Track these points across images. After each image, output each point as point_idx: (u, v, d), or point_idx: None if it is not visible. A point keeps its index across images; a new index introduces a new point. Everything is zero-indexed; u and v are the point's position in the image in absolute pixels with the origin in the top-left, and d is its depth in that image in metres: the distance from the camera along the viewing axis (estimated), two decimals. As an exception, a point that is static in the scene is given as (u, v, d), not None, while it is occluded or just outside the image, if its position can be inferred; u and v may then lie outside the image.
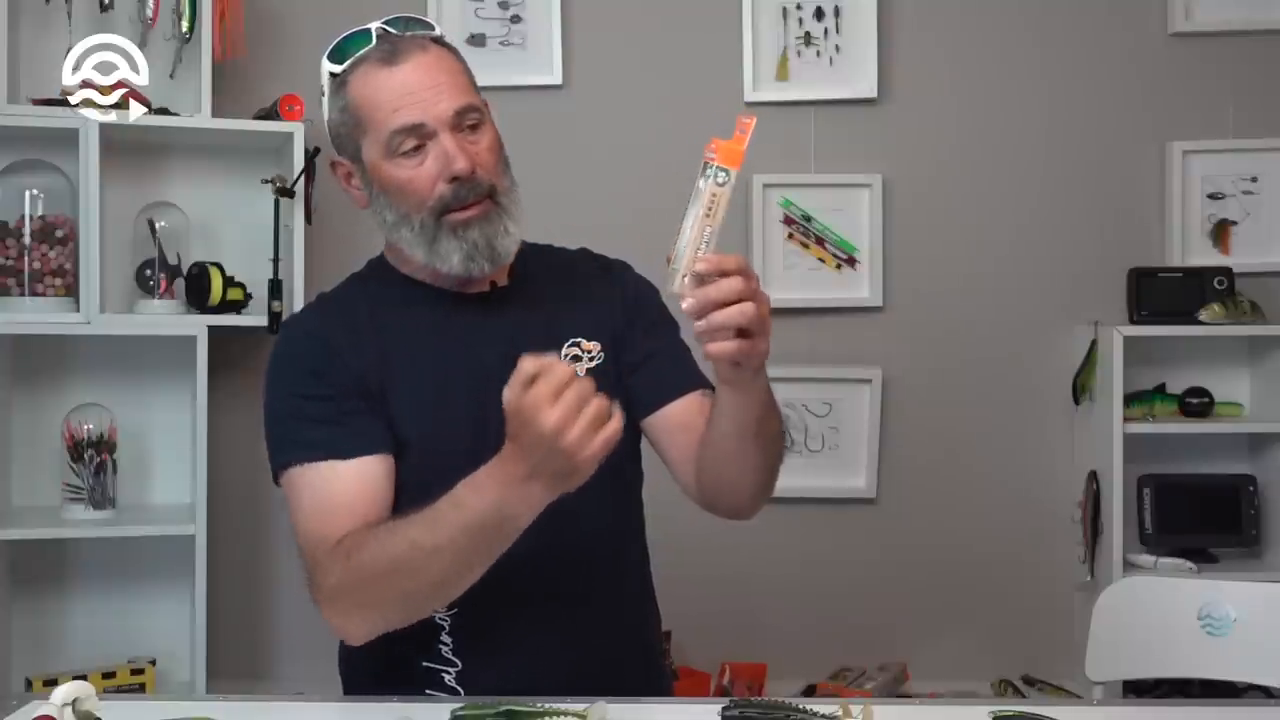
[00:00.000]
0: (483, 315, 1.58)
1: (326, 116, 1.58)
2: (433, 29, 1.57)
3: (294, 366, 1.54)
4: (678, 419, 1.59)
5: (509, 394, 1.23)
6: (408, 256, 1.56)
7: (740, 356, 1.29)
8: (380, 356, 1.53)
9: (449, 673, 1.53)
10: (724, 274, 1.26)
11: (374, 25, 1.55)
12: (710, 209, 1.26)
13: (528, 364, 1.22)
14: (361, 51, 1.54)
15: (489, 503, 1.29)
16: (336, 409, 1.49)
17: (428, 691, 1.53)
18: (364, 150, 1.53)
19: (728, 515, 1.59)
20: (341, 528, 1.42)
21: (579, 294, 1.63)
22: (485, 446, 1.30)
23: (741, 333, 1.28)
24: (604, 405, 1.24)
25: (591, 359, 1.58)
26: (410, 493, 1.46)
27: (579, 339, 1.59)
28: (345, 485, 1.46)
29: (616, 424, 1.25)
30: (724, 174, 1.26)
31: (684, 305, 1.26)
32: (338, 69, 1.55)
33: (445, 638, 1.53)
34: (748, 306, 1.26)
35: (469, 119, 1.52)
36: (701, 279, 1.26)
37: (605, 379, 1.54)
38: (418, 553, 1.33)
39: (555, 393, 1.21)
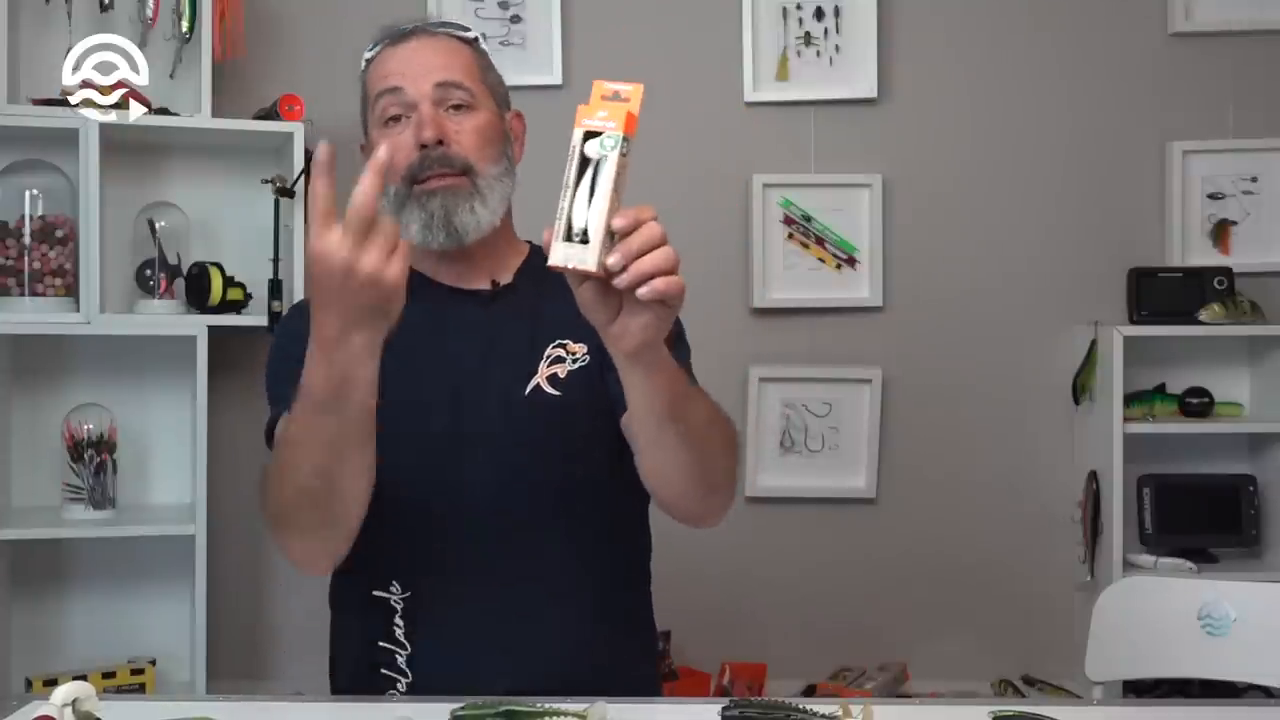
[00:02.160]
0: (471, 311, 1.60)
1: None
2: (467, 30, 1.62)
3: (287, 340, 1.56)
4: None
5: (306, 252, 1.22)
6: (412, 247, 1.57)
7: (669, 298, 1.19)
8: None
9: (400, 655, 1.54)
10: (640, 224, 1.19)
11: (413, 24, 1.62)
12: (618, 182, 1.19)
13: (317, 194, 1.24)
14: (387, 36, 1.61)
15: (321, 373, 1.29)
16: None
17: (383, 672, 1.54)
18: (369, 125, 1.60)
19: (681, 517, 1.51)
20: None
21: (571, 293, 1.64)
22: (455, 437, 1.30)
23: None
24: (391, 226, 1.23)
25: (576, 360, 1.58)
26: (380, 474, 1.47)
27: (564, 340, 1.59)
28: None
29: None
30: (627, 143, 1.19)
31: (609, 260, 1.16)
32: (368, 54, 1.62)
33: (398, 620, 1.54)
34: (670, 250, 1.19)
35: (455, 97, 1.55)
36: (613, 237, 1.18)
37: (590, 379, 1.56)
38: (292, 449, 1.36)
39: (339, 233, 1.21)
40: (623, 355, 1.26)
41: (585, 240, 1.17)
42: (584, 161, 1.18)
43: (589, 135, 1.19)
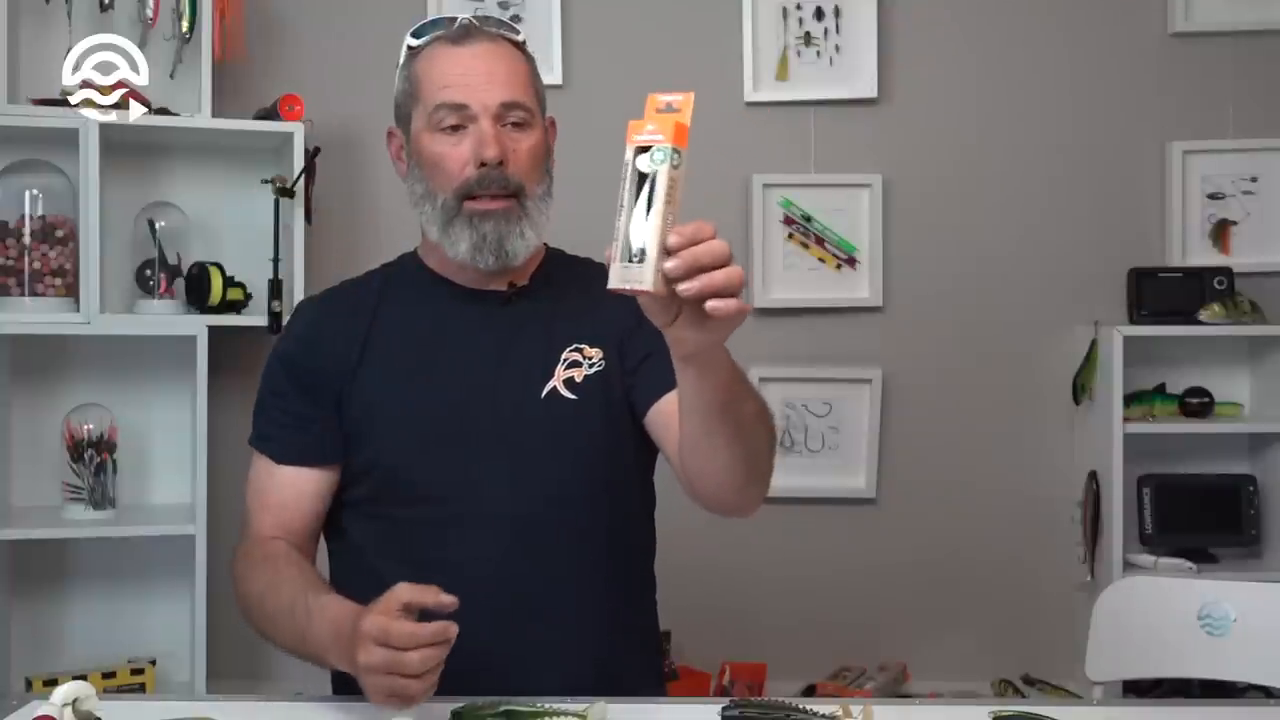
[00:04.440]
0: (489, 313, 1.60)
1: (395, 87, 1.63)
2: (516, 32, 1.61)
3: (277, 356, 1.64)
4: (671, 409, 1.56)
5: (369, 616, 1.26)
6: (433, 247, 1.60)
7: (736, 314, 1.18)
8: (364, 340, 1.59)
9: None
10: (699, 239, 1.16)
11: (463, 16, 1.61)
12: (670, 195, 1.15)
13: (399, 593, 1.26)
14: (439, 30, 1.59)
15: (316, 637, 1.39)
16: (289, 413, 1.59)
17: None
18: (413, 120, 1.59)
19: (717, 508, 1.53)
20: (266, 522, 1.59)
21: (591, 302, 1.61)
22: (468, 438, 1.31)
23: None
24: (419, 678, 1.24)
25: (592, 365, 1.58)
26: (380, 473, 1.55)
27: (580, 345, 1.59)
28: (275, 484, 1.59)
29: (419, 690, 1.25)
30: (678, 155, 1.15)
31: (667, 265, 1.13)
32: (415, 43, 1.61)
33: None
34: (736, 270, 1.16)
35: (515, 115, 1.55)
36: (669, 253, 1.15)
37: (606, 384, 1.57)
38: (274, 623, 1.48)
39: (393, 642, 1.24)
40: (679, 357, 1.27)
41: (641, 260, 1.13)
42: (640, 178, 1.15)
43: (641, 150, 1.15)
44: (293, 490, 1.59)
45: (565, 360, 1.58)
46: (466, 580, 1.43)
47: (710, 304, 1.15)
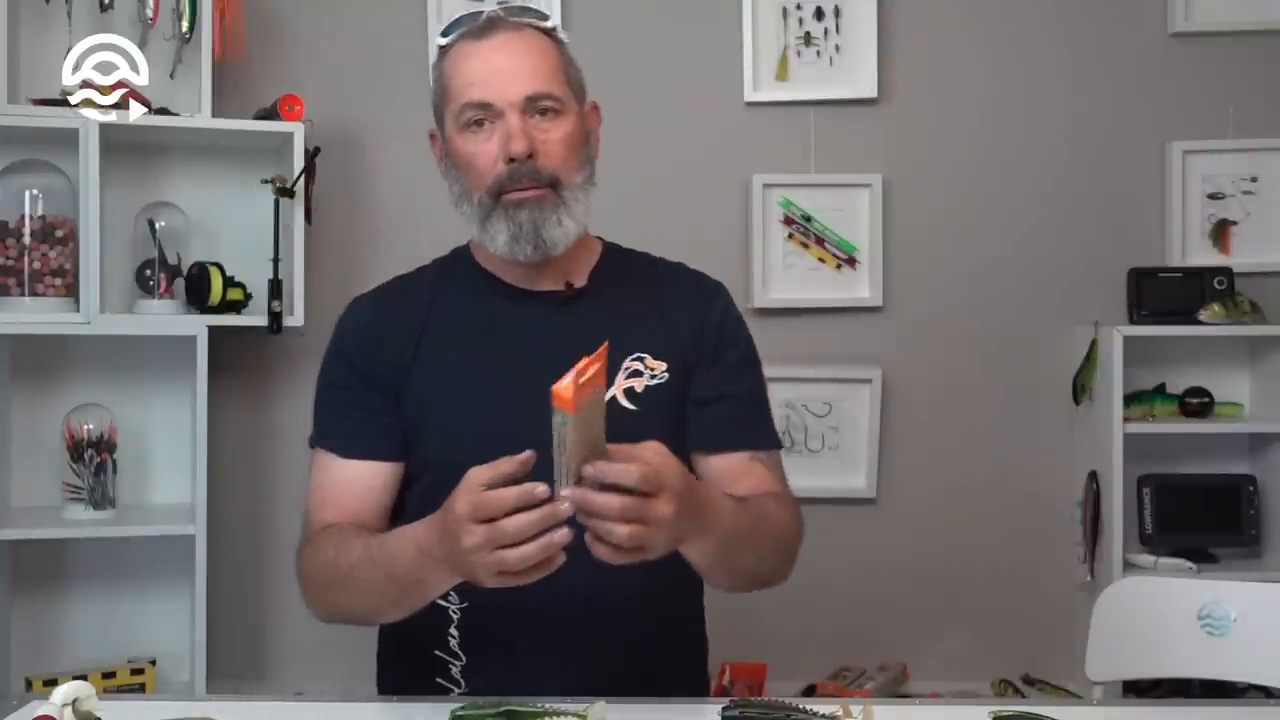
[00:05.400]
0: (547, 314, 1.58)
1: (431, 89, 1.62)
2: (545, 18, 1.58)
3: (335, 352, 1.62)
4: (714, 474, 1.57)
5: (457, 500, 1.23)
6: (482, 246, 1.58)
7: (625, 556, 1.24)
8: (419, 337, 1.57)
9: (455, 665, 1.54)
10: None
11: (490, 8, 1.58)
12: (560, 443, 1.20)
13: (478, 473, 1.23)
14: (464, 27, 1.56)
15: (405, 565, 1.35)
16: (355, 406, 1.56)
17: (438, 680, 1.54)
18: (445, 120, 1.57)
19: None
20: (328, 518, 1.53)
21: (655, 307, 1.61)
22: (514, 439, 1.29)
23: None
24: (529, 541, 1.21)
25: (654, 376, 1.56)
26: (434, 472, 1.52)
27: (643, 354, 1.57)
28: (342, 479, 1.56)
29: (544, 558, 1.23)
30: (560, 416, 1.18)
31: (563, 492, 1.21)
32: (443, 42, 1.58)
33: (453, 630, 1.53)
34: (625, 531, 1.21)
35: (543, 104, 1.52)
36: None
37: (664, 398, 1.55)
38: (351, 580, 1.43)
39: (488, 514, 1.21)
40: None
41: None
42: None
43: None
44: (359, 486, 1.55)
45: (626, 369, 1.55)
46: (515, 590, 1.41)
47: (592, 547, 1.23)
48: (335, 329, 1.65)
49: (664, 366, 1.57)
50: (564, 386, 1.16)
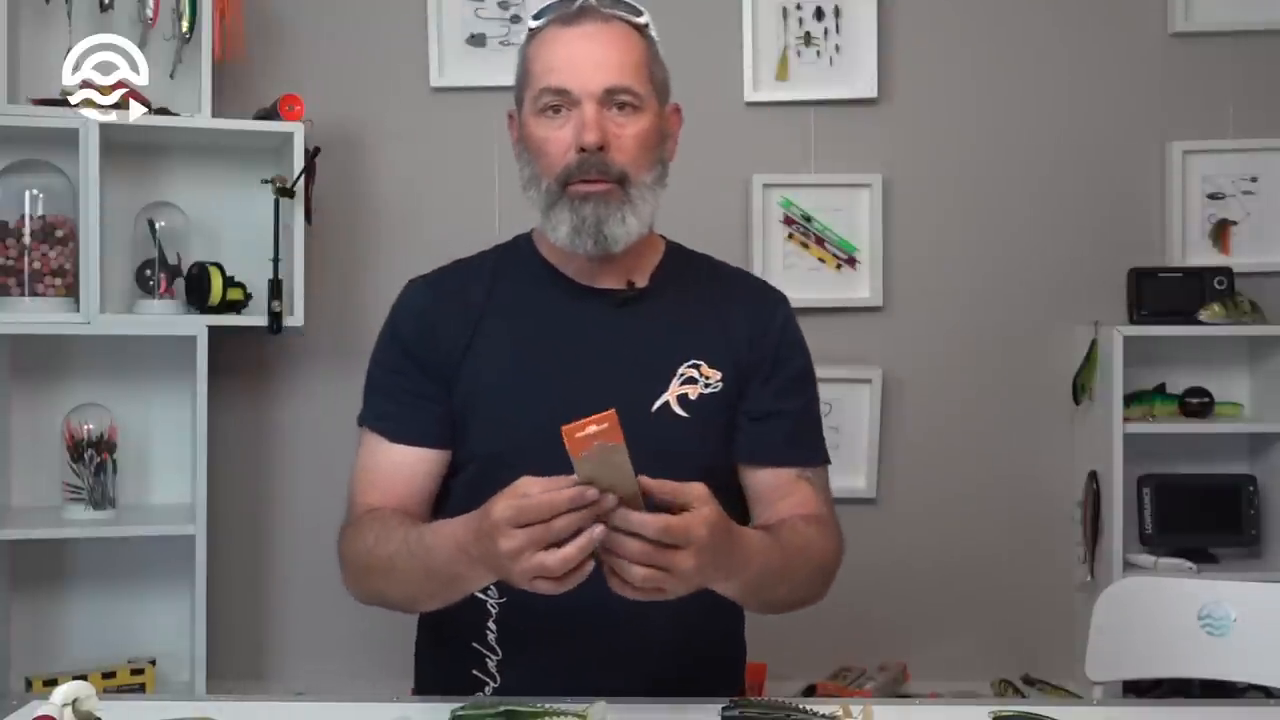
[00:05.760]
0: (606, 313, 1.56)
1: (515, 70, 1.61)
2: (639, 13, 1.56)
3: (390, 334, 1.61)
4: (759, 488, 1.58)
5: (498, 503, 1.23)
6: (544, 237, 1.57)
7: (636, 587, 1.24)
8: (475, 325, 1.56)
9: (491, 659, 1.54)
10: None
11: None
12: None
13: (528, 484, 1.23)
14: (554, 13, 1.55)
15: (442, 560, 1.35)
16: (407, 390, 1.55)
17: (474, 672, 1.54)
18: (524, 102, 1.55)
19: None
20: (372, 500, 1.53)
21: (715, 314, 1.60)
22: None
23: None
24: (564, 549, 1.21)
25: (709, 385, 1.55)
26: (479, 465, 1.52)
27: (699, 361, 1.56)
28: (388, 463, 1.55)
29: (573, 570, 1.22)
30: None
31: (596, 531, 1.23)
32: (534, 25, 1.57)
33: (491, 624, 1.53)
34: (642, 574, 1.22)
35: (621, 98, 1.50)
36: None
37: (722, 406, 1.54)
38: (391, 568, 1.42)
39: (528, 520, 1.21)
40: None
41: None
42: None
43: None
44: (404, 471, 1.54)
45: (681, 375, 1.54)
46: None
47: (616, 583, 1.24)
48: (391, 310, 1.63)
49: (719, 375, 1.56)
50: (567, 429, 1.18)
